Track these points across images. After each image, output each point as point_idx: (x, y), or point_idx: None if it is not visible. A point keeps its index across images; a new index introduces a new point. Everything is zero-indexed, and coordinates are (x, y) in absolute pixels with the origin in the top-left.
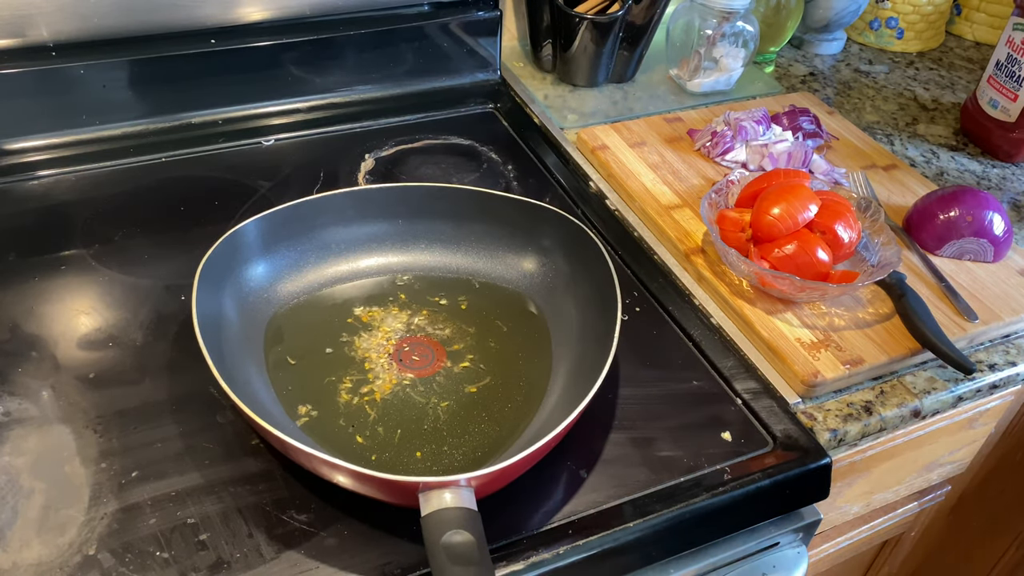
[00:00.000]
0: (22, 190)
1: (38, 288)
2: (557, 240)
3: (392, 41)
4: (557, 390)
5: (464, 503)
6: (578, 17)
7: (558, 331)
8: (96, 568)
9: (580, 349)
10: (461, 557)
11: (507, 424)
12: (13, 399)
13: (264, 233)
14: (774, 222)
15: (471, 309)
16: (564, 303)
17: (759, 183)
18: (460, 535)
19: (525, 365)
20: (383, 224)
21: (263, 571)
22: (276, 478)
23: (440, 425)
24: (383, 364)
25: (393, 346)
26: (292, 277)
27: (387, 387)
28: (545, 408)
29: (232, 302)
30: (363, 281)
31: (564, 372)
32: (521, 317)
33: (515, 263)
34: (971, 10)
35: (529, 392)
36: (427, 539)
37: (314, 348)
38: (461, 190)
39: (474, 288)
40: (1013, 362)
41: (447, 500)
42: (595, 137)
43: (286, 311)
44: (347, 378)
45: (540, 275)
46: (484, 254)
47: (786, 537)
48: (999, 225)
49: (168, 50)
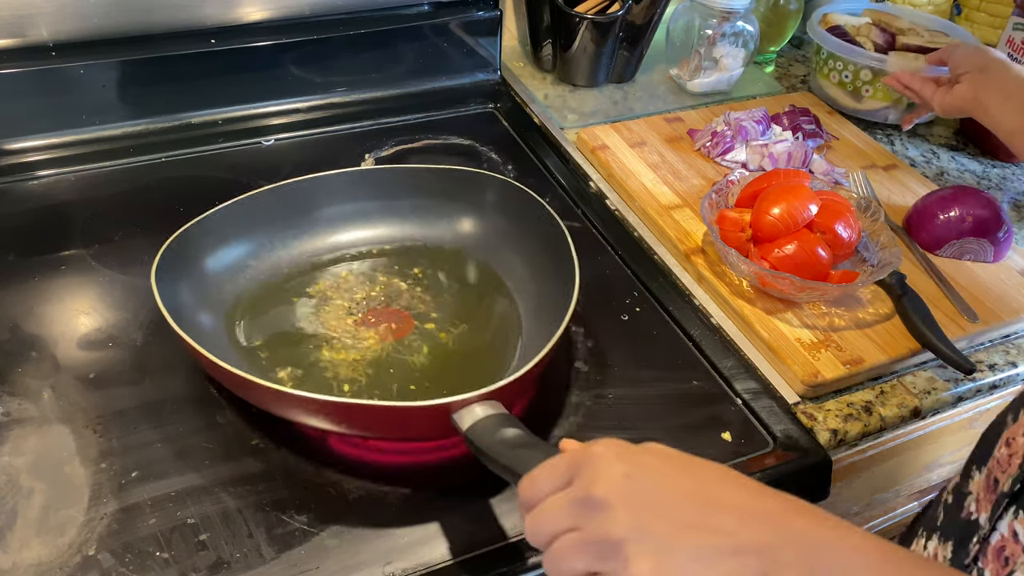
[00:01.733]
0: (22, 190)
1: (38, 288)
2: (493, 199)
3: (392, 41)
4: (530, 322)
5: (497, 410)
6: (578, 17)
7: (510, 277)
8: (96, 568)
9: (536, 288)
10: (521, 444)
11: (494, 358)
12: (13, 399)
13: (220, 224)
14: (774, 222)
15: (423, 273)
16: (507, 252)
17: (759, 183)
18: (509, 431)
19: (488, 311)
20: (333, 208)
21: (263, 571)
22: (276, 478)
23: (431, 374)
24: (355, 333)
25: (360, 317)
26: (250, 264)
27: (368, 353)
28: (525, 337)
29: (191, 291)
30: (318, 258)
31: (530, 308)
32: (471, 272)
33: (454, 226)
34: (971, 10)
35: (502, 330)
36: (480, 444)
37: (283, 328)
38: (397, 169)
39: (422, 253)
40: (1013, 362)
41: (478, 412)
42: (595, 137)
43: (247, 296)
44: (324, 350)
45: (480, 232)
46: (425, 222)
47: None
48: (999, 225)
49: (168, 50)
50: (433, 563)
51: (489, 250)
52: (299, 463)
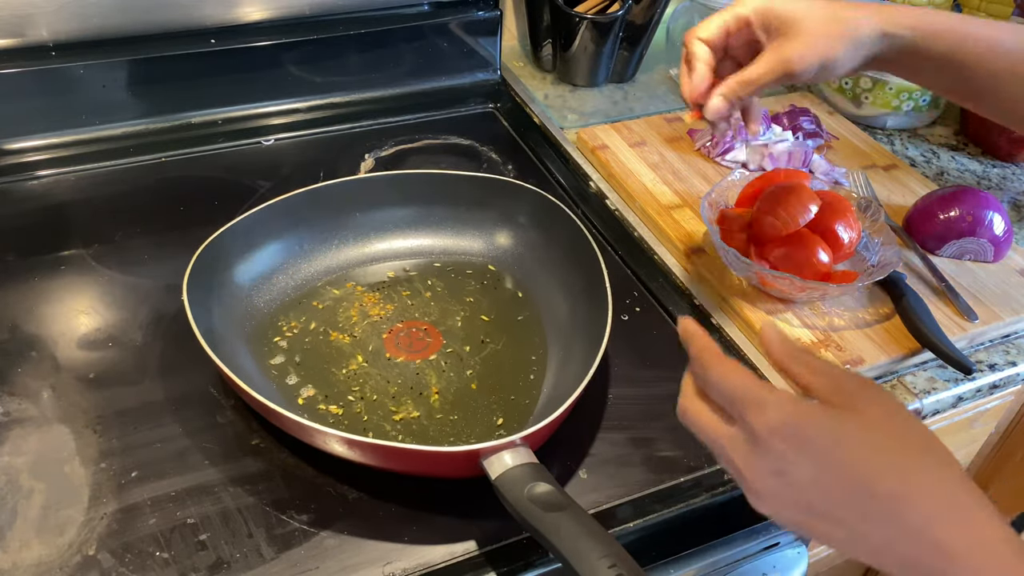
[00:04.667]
0: (22, 190)
1: (38, 288)
2: (528, 213)
3: (392, 41)
4: (558, 350)
5: (528, 459)
6: (578, 17)
7: (541, 296)
8: (96, 568)
9: (569, 305)
10: (551, 504)
11: (524, 383)
12: (13, 399)
13: (248, 231)
14: (774, 222)
15: (455, 288)
16: (539, 270)
17: (759, 183)
18: (539, 487)
19: (519, 332)
20: (364, 215)
21: (263, 571)
22: (276, 478)
23: (458, 396)
24: (383, 350)
25: (388, 334)
26: (277, 274)
27: (394, 371)
28: (552, 367)
29: (220, 304)
30: (348, 271)
31: (561, 332)
32: (504, 290)
33: (488, 239)
34: (971, 10)
35: (530, 351)
36: (509, 498)
37: (310, 342)
38: (433, 175)
39: (454, 267)
40: (1013, 362)
41: (508, 461)
42: (595, 137)
43: (274, 309)
44: (351, 365)
45: (513, 247)
46: (459, 233)
47: (786, 537)
48: (999, 225)
49: (168, 50)
50: (433, 563)
51: (523, 268)
52: (299, 463)
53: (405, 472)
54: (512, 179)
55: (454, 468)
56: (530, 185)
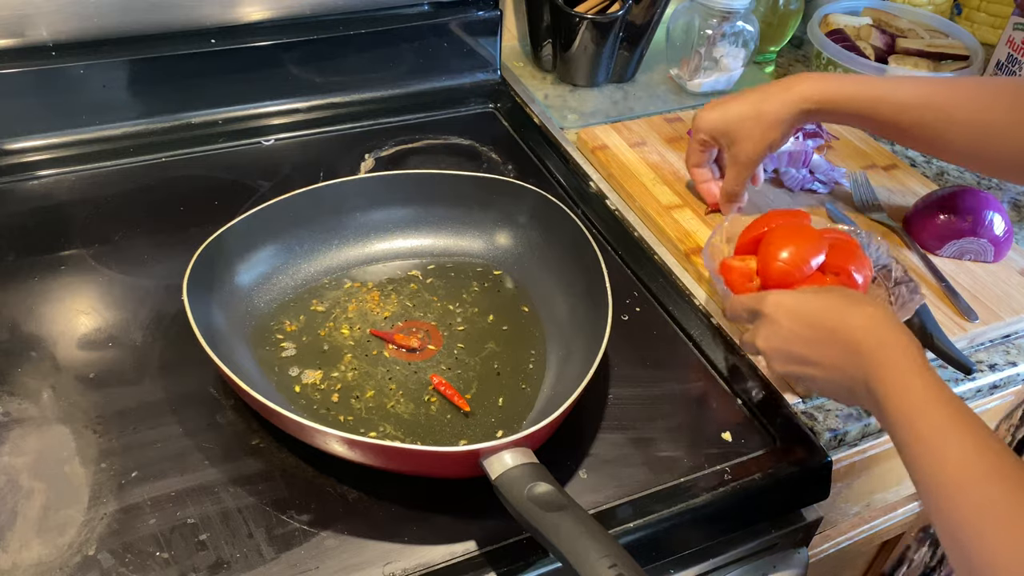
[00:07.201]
0: (22, 190)
1: (38, 288)
2: (529, 213)
3: (392, 41)
4: (558, 350)
5: (528, 459)
6: (578, 17)
7: (540, 298)
8: (96, 568)
9: (569, 305)
10: (551, 504)
11: (524, 383)
12: (13, 399)
13: (248, 231)
14: (784, 267)
15: (455, 288)
16: (540, 271)
17: (757, 227)
18: (539, 487)
19: (519, 332)
20: (365, 214)
21: (263, 571)
22: (276, 478)
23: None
24: (383, 347)
25: (389, 331)
26: (277, 274)
27: (393, 368)
28: (552, 367)
29: (220, 304)
30: (348, 270)
31: (561, 332)
32: (503, 290)
33: (488, 239)
34: (971, 10)
35: (529, 350)
36: (509, 498)
37: (310, 338)
38: (434, 175)
39: (454, 267)
40: (1013, 362)
41: (508, 461)
42: (595, 137)
43: (273, 309)
44: (350, 362)
45: (514, 247)
46: (459, 233)
47: (786, 537)
48: (999, 225)
49: (168, 50)
50: (433, 563)
51: (523, 268)
52: (299, 463)
53: (405, 472)
54: (512, 179)
55: (454, 468)
56: (530, 185)
